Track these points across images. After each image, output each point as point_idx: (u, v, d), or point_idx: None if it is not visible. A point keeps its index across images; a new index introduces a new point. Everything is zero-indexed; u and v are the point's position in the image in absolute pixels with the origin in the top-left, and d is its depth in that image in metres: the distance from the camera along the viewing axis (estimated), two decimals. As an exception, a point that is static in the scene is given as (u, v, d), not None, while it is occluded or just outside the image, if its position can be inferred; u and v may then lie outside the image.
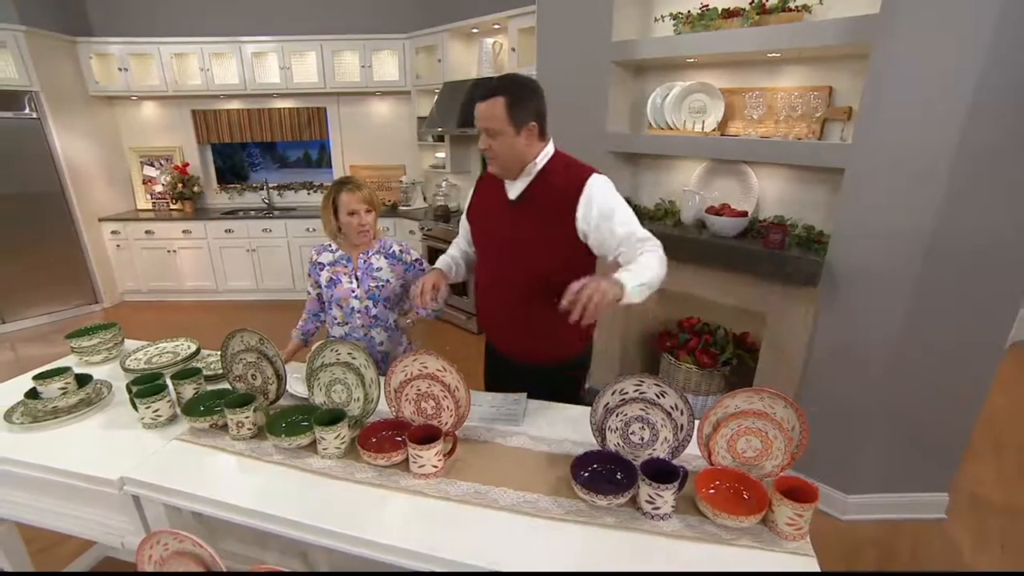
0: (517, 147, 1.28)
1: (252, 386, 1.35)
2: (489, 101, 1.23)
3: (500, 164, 1.31)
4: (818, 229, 2.04)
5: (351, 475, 1.09)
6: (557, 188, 1.31)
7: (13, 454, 1.21)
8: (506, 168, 1.32)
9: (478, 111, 1.26)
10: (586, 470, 1.08)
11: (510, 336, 1.50)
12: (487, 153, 1.30)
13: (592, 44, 2.39)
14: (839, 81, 1.92)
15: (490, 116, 1.24)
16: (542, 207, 1.32)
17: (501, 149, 1.27)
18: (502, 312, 1.46)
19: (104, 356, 1.67)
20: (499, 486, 1.06)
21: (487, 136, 1.27)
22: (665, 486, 0.96)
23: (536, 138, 1.30)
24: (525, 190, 1.34)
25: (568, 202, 1.29)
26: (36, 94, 3.75)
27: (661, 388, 1.10)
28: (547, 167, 1.33)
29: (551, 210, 1.31)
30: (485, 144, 1.28)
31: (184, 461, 1.17)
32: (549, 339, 1.43)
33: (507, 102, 1.23)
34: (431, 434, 1.10)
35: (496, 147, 1.27)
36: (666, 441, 1.11)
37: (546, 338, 1.43)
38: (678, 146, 2.29)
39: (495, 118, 1.24)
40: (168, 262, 4.45)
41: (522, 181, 1.34)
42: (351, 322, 1.71)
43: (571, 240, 1.32)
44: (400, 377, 1.21)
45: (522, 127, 1.25)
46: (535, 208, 1.33)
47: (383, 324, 1.74)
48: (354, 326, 1.71)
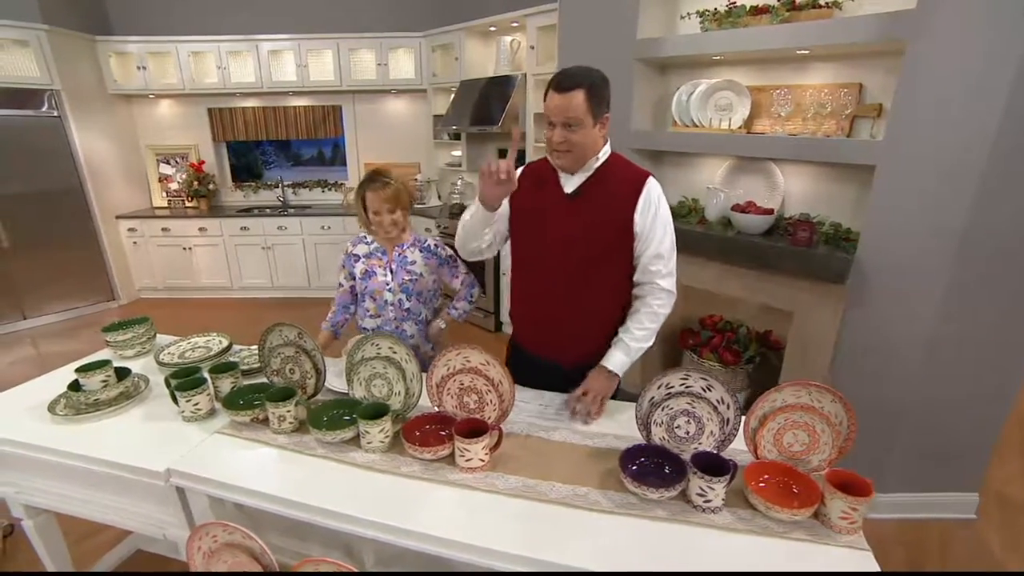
0: (594, 138, 1.28)
1: (290, 380, 1.36)
2: (571, 93, 1.21)
3: (574, 157, 1.30)
4: (845, 227, 2.03)
5: (397, 469, 1.10)
6: (617, 183, 1.34)
7: (58, 445, 1.22)
8: (577, 160, 1.31)
9: (556, 103, 1.24)
10: (633, 464, 1.08)
11: (547, 332, 1.47)
12: (561, 146, 1.28)
13: (616, 42, 2.38)
14: (869, 78, 1.91)
15: (571, 107, 1.22)
16: (602, 202, 1.33)
17: (579, 140, 1.26)
18: (543, 306, 1.44)
19: (137, 351, 1.68)
20: (547, 480, 1.06)
21: (564, 128, 1.25)
22: (717, 479, 0.96)
23: (606, 130, 1.31)
24: (583, 184, 1.34)
25: (629, 197, 1.32)
26: (57, 92, 3.79)
27: (708, 382, 1.10)
28: (606, 164, 1.35)
29: (611, 204, 1.33)
30: (562, 136, 1.26)
31: (227, 454, 1.18)
32: (584, 335, 1.43)
33: (587, 93, 1.21)
34: (476, 428, 1.11)
35: (575, 139, 1.25)
36: (712, 435, 1.11)
37: (582, 334, 1.43)
38: (704, 144, 2.28)
39: (577, 108, 1.22)
40: (184, 259, 4.48)
41: (580, 175, 1.35)
42: (383, 315, 1.72)
43: (626, 235, 1.34)
44: (442, 371, 1.21)
45: (599, 118, 1.26)
46: (594, 203, 1.34)
47: (415, 318, 1.74)
48: (386, 319, 1.72)
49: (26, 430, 1.28)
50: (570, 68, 1.27)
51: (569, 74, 1.24)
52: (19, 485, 1.36)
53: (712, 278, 2.36)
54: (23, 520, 1.43)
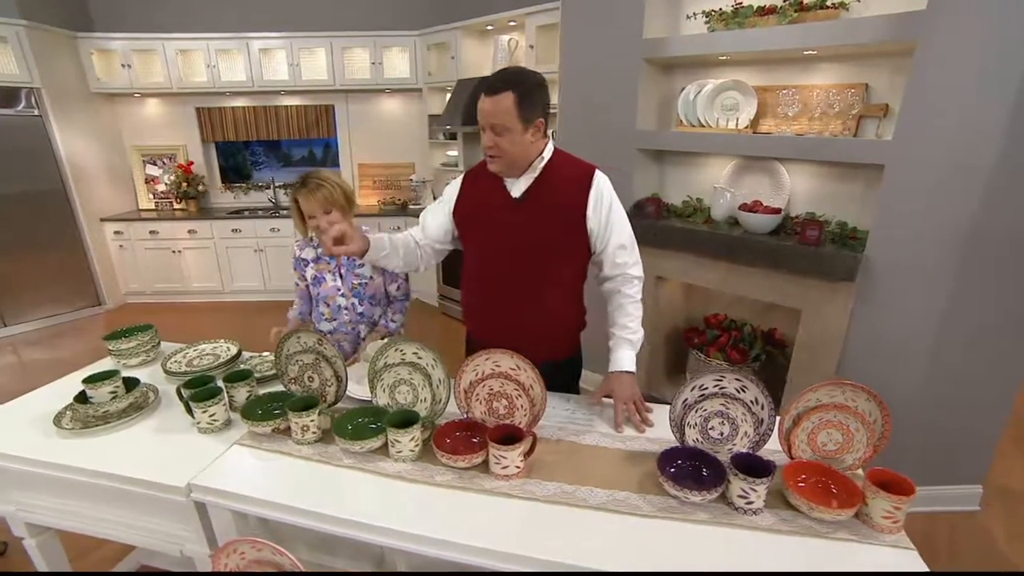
0: (524, 145, 1.24)
1: (308, 388, 1.32)
2: (497, 96, 1.17)
3: (505, 163, 1.26)
4: (851, 225, 2.06)
5: (430, 478, 1.07)
6: (564, 184, 1.31)
7: (66, 460, 1.17)
8: (510, 167, 1.28)
9: (484, 107, 1.20)
10: (670, 466, 1.07)
11: (505, 334, 1.38)
12: (491, 151, 1.25)
13: (622, 41, 2.38)
14: (875, 78, 1.94)
15: (498, 112, 1.18)
16: (550, 204, 1.31)
17: (508, 147, 1.22)
18: (498, 310, 1.40)
19: (142, 359, 1.62)
20: (584, 485, 1.05)
21: (492, 133, 1.21)
22: (759, 480, 0.96)
23: (541, 135, 1.27)
24: (529, 188, 1.31)
25: (578, 197, 1.30)
26: (37, 90, 3.65)
27: (742, 383, 1.10)
28: (551, 163, 1.31)
29: (560, 207, 1.31)
30: (491, 141, 1.22)
31: (250, 466, 1.14)
32: (544, 335, 1.40)
33: (516, 98, 1.17)
34: (510, 434, 1.09)
35: (503, 145, 1.21)
36: (746, 436, 1.11)
37: (541, 334, 1.39)
38: (712, 143, 2.29)
39: (503, 114, 1.18)
40: (173, 263, 4.36)
41: (526, 179, 1.30)
42: (338, 318, 1.71)
43: (579, 235, 1.32)
44: (471, 376, 1.19)
45: (530, 124, 1.21)
46: (542, 205, 1.31)
47: (368, 320, 1.73)
48: (341, 322, 1.71)
49: (31, 445, 1.22)
50: (504, 70, 1.23)
51: (500, 77, 1.20)
52: (22, 503, 1.29)
53: (718, 277, 2.37)
54: (25, 539, 1.36)
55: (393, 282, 1.76)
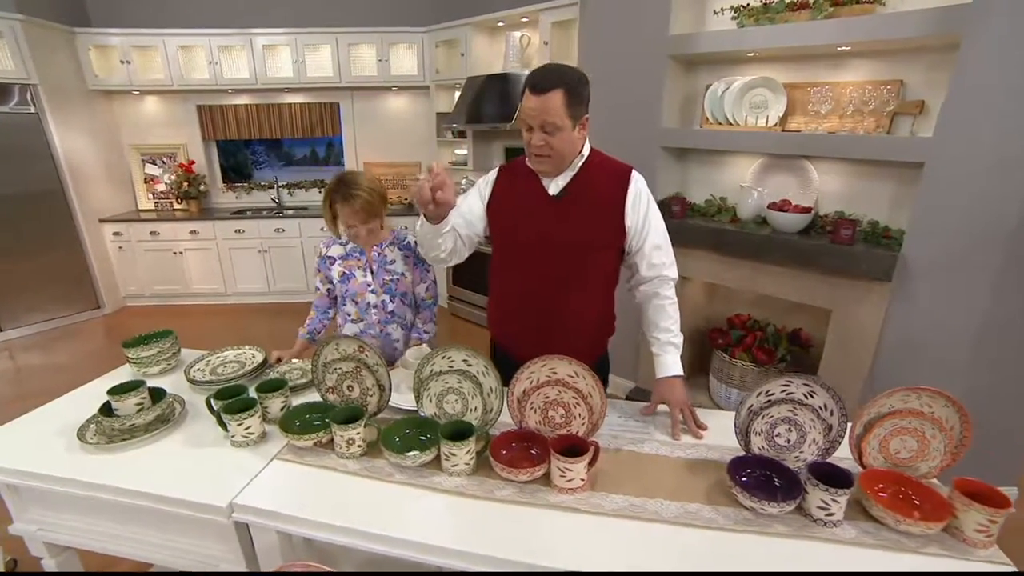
0: (573, 142, 1.22)
1: (347, 398, 1.26)
2: (547, 95, 1.14)
3: (554, 162, 1.24)
4: (883, 224, 2.03)
5: (490, 493, 1.01)
6: (602, 182, 1.29)
7: (95, 477, 1.09)
8: (559, 165, 1.26)
9: (532, 105, 1.16)
10: (741, 475, 1.03)
11: (533, 336, 1.36)
12: (541, 151, 1.21)
13: (647, 38, 2.33)
14: (910, 74, 1.91)
15: (548, 110, 1.15)
16: (588, 202, 1.28)
17: (559, 145, 1.20)
18: (530, 310, 1.36)
19: (163, 367, 1.54)
20: (653, 497, 1.00)
21: (543, 132, 1.18)
22: (841, 491, 0.91)
23: (586, 131, 1.26)
24: (567, 185, 1.28)
25: (616, 195, 1.29)
26: (34, 87, 3.53)
27: (810, 388, 1.06)
28: (588, 161, 1.29)
29: (599, 204, 1.29)
30: (541, 141, 1.19)
31: (294, 483, 1.07)
32: (573, 338, 1.35)
33: (566, 95, 1.14)
34: (573, 445, 1.03)
35: (554, 144, 1.19)
36: (815, 443, 1.06)
37: (571, 337, 1.35)
38: (740, 141, 2.25)
39: (554, 112, 1.15)
40: (174, 264, 4.25)
41: (564, 176, 1.29)
42: (366, 319, 1.64)
43: (617, 233, 1.30)
44: (525, 384, 1.13)
45: (577, 121, 1.20)
46: (581, 202, 1.28)
47: (399, 320, 1.66)
48: (369, 323, 1.64)
49: (55, 461, 1.14)
50: (546, 66, 1.20)
51: (546, 74, 1.16)
52: (43, 522, 1.22)
53: (744, 277, 2.33)
54: (43, 559, 1.29)
55: (422, 281, 1.70)
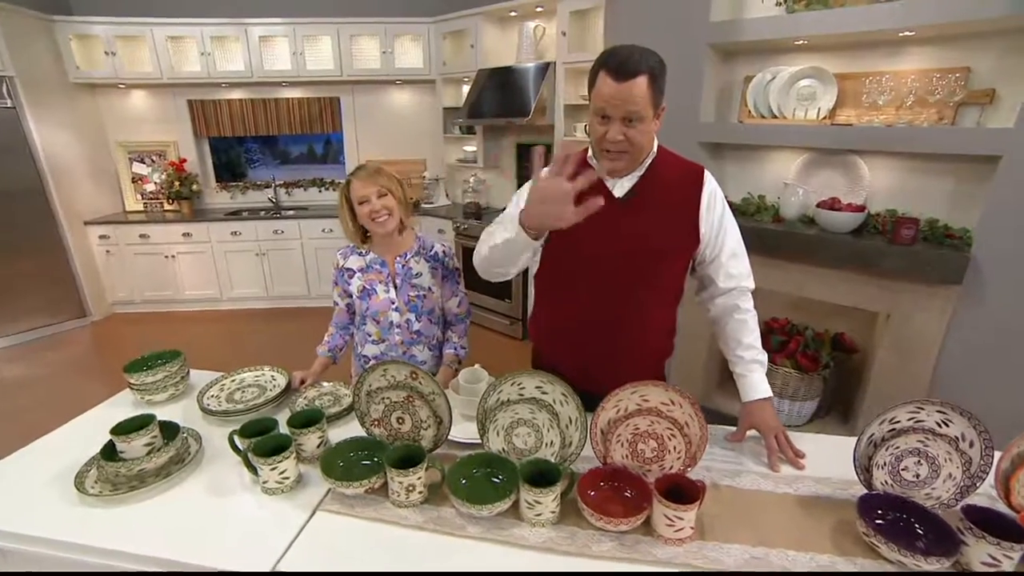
0: (651, 135, 1.08)
1: (396, 432, 1.08)
2: (632, 81, 0.98)
3: (631, 158, 1.08)
4: (942, 222, 1.91)
5: (585, 548, 0.85)
6: (673, 182, 1.15)
7: (99, 539, 0.90)
8: (634, 162, 1.10)
9: (614, 93, 0.99)
10: (874, 519, 0.88)
11: (587, 358, 1.22)
12: (618, 146, 1.04)
13: (684, 25, 2.18)
14: (977, 61, 1.78)
15: (634, 98, 0.99)
16: (659, 205, 1.13)
17: (638, 138, 1.04)
18: (586, 329, 1.21)
19: (171, 393, 1.35)
20: (773, 547, 0.84)
21: (623, 124, 1.02)
22: (1017, 546, 0.77)
23: (660, 122, 1.08)
24: (635, 186, 1.14)
25: (689, 197, 1.14)
26: (11, 79, 3.27)
27: (945, 415, 0.91)
28: (657, 159, 1.14)
29: (671, 207, 1.14)
30: (620, 134, 1.02)
31: (346, 543, 0.89)
32: (633, 359, 1.22)
33: (650, 80, 0.99)
34: (678, 485, 0.88)
35: (634, 136, 1.03)
36: (951, 478, 0.92)
37: (630, 358, 1.22)
38: (786, 136, 2.11)
39: (640, 100, 0.99)
40: (165, 269, 4.01)
41: (631, 176, 1.14)
42: (388, 339, 1.46)
43: (690, 240, 1.16)
44: (610, 414, 0.97)
45: (657, 110, 1.05)
46: (651, 205, 1.13)
47: (426, 341, 1.49)
48: (392, 343, 1.47)
49: (50, 519, 0.95)
50: (625, 48, 1.01)
51: (629, 56, 0.99)
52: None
53: (789, 279, 2.20)
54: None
55: (454, 295, 1.53)
